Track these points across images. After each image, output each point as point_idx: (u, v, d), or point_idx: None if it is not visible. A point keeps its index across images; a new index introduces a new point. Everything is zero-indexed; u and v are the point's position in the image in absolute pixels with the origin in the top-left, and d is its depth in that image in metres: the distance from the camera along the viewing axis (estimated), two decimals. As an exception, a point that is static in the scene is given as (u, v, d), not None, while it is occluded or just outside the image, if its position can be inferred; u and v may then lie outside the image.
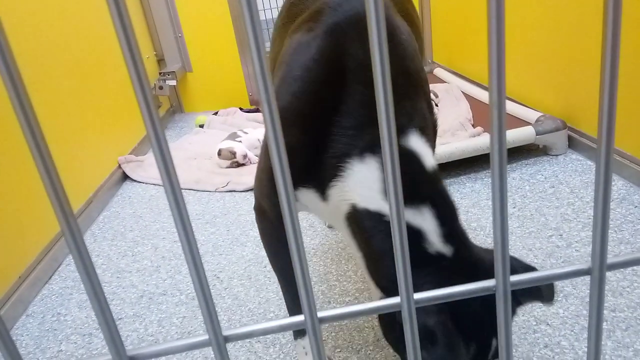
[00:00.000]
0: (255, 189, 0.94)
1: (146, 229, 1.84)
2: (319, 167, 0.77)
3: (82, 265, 0.29)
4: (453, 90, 2.41)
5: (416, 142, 0.74)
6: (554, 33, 1.90)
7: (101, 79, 2.26)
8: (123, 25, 0.24)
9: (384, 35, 0.27)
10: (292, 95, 0.76)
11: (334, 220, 0.82)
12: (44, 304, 1.49)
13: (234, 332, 0.33)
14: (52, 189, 0.27)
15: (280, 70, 0.81)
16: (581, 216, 1.50)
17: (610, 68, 0.29)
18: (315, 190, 0.80)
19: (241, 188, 2.04)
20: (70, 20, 2.05)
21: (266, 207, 0.92)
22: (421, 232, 0.69)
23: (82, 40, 2.13)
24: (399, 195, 0.30)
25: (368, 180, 0.72)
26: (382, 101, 0.28)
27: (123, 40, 0.25)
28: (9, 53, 0.25)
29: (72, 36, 2.05)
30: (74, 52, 2.05)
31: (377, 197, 0.72)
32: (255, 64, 0.27)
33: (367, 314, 0.34)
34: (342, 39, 0.75)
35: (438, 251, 0.69)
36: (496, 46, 0.28)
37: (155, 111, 0.27)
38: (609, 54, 0.29)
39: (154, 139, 0.27)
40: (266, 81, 0.27)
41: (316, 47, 0.76)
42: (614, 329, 1.09)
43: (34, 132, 0.26)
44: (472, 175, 1.85)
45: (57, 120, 1.84)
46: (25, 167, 1.58)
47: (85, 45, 2.15)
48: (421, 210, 0.70)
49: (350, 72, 0.74)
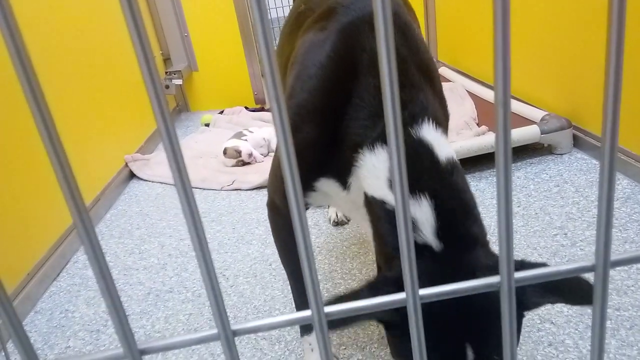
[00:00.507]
0: (269, 185, 0.96)
1: (153, 226, 1.86)
2: (337, 159, 0.80)
3: (94, 256, 0.30)
4: (458, 89, 2.41)
5: (429, 132, 0.75)
6: (559, 31, 1.90)
7: (108, 77, 2.28)
8: (135, 23, 0.25)
9: (390, 30, 0.27)
10: (308, 92, 0.79)
11: (354, 210, 0.85)
12: (52, 301, 1.50)
13: (242, 327, 0.34)
14: (65, 181, 0.28)
15: (294, 70, 0.83)
16: (586, 215, 1.50)
17: (615, 66, 0.29)
18: (335, 180, 0.83)
19: (247, 187, 2.05)
20: (79, 21, 2.06)
21: (278, 202, 0.94)
22: (413, 220, 0.69)
23: (91, 41, 2.15)
24: (404, 187, 0.30)
25: (377, 169, 0.75)
26: (389, 93, 0.29)
27: (135, 37, 0.25)
28: (25, 53, 0.26)
29: (81, 37, 2.06)
30: (82, 52, 2.06)
31: (382, 186, 0.74)
32: (264, 62, 0.27)
33: (374, 309, 0.35)
34: (355, 35, 0.77)
35: (426, 243, 0.69)
36: (501, 44, 0.28)
37: (167, 107, 0.27)
38: (614, 52, 0.29)
39: (165, 136, 0.28)
40: (275, 79, 0.27)
41: (330, 45, 0.78)
42: (619, 328, 1.09)
43: (49, 129, 0.27)
44: (477, 174, 1.85)
45: (65, 119, 1.86)
46: (33, 166, 1.60)
47: (93, 46, 2.17)
48: (420, 199, 0.70)
49: (362, 66, 0.76)
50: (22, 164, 1.56)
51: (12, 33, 0.25)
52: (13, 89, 1.52)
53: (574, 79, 1.87)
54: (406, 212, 0.32)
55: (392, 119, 0.29)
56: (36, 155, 1.61)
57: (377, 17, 0.27)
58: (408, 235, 0.33)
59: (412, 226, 0.69)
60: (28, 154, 1.58)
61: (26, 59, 0.25)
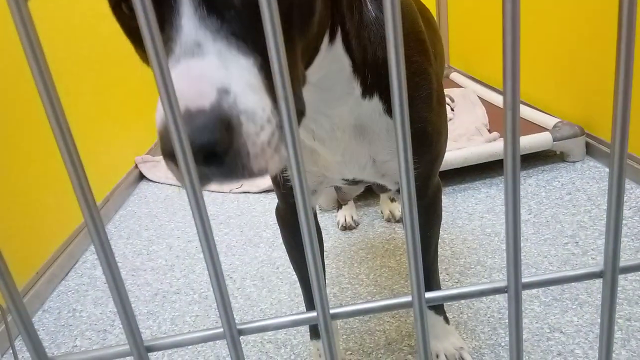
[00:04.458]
0: (275, 189, 0.97)
1: (161, 228, 1.86)
2: None
3: (103, 252, 0.30)
4: (469, 95, 2.39)
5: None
6: (572, 38, 1.88)
7: (119, 78, 2.29)
8: (147, 21, 0.25)
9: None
10: None
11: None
12: (60, 300, 1.51)
13: (248, 326, 0.34)
14: (77, 182, 0.28)
15: None
16: (598, 224, 1.48)
17: (625, 72, 0.29)
18: None
19: (255, 190, 2.05)
20: (90, 20, 2.08)
21: (280, 203, 0.94)
22: None
23: (102, 41, 2.16)
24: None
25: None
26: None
27: (147, 35, 0.25)
28: (41, 54, 0.26)
29: (92, 36, 2.08)
30: (93, 51, 2.08)
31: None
32: (274, 60, 0.27)
33: (379, 311, 0.34)
34: None
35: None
36: (511, 48, 0.28)
37: (178, 108, 0.27)
38: (623, 58, 0.29)
39: (175, 137, 0.28)
40: (284, 79, 0.27)
41: None
42: (629, 339, 1.07)
43: (62, 129, 0.27)
44: (488, 180, 1.84)
45: (75, 120, 1.87)
46: (42, 166, 1.61)
47: (104, 45, 2.19)
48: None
49: None
50: (30, 164, 1.57)
51: (29, 36, 0.25)
52: (26, 90, 1.54)
53: (588, 86, 1.85)
54: (412, 203, 0.31)
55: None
56: (45, 155, 1.62)
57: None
58: (414, 238, 0.32)
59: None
60: (37, 154, 1.60)
61: (43, 61, 0.26)
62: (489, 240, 1.48)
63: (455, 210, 1.67)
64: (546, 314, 1.17)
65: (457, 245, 1.49)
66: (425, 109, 0.76)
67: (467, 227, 1.57)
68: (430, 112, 0.76)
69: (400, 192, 0.31)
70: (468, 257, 1.42)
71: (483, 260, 1.40)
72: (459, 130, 2.02)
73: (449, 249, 1.47)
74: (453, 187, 1.82)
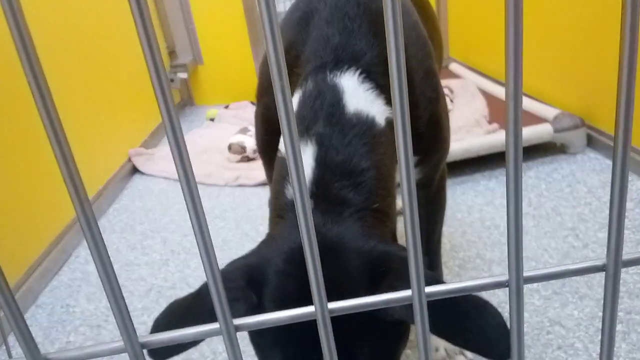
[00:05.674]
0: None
1: (155, 222, 1.84)
2: None
3: (96, 249, 0.30)
4: (469, 86, 2.37)
5: (349, 82, 0.68)
6: (573, 28, 1.85)
7: (113, 70, 2.26)
8: (142, 15, 0.24)
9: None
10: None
11: None
12: (53, 295, 1.49)
13: (244, 322, 0.34)
14: (68, 175, 0.27)
15: None
16: (598, 216, 1.46)
17: (628, 63, 0.28)
18: None
19: (251, 183, 2.03)
20: (84, 13, 2.05)
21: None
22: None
23: (95, 34, 2.13)
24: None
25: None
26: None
27: (141, 29, 0.25)
28: (31, 47, 0.25)
29: (85, 29, 2.05)
30: (86, 44, 2.05)
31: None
32: (270, 55, 0.26)
33: (377, 306, 0.34)
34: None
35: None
36: (513, 37, 0.27)
37: (172, 101, 0.27)
38: (627, 49, 0.28)
39: (169, 130, 0.27)
40: (281, 71, 0.26)
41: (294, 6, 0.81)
42: (629, 332, 1.06)
43: (53, 122, 0.27)
44: (487, 173, 1.82)
45: (68, 112, 1.85)
46: (35, 160, 1.59)
47: (98, 38, 2.15)
48: (307, 144, 0.64)
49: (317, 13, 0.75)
50: (23, 158, 1.55)
51: (19, 29, 0.25)
52: (16, 82, 1.51)
53: (589, 77, 1.83)
54: (413, 208, 0.29)
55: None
56: (37, 149, 1.60)
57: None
58: (415, 236, 0.30)
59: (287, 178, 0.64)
60: (29, 148, 1.57)
61: (33, 54, 0.25)
62: (488, 233, 1.47)
63: (454, 203, 1.65)
64: (546, 307, 1.16)
65: (457, 238, 1.47)
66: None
67: (467, 220, 1.55)
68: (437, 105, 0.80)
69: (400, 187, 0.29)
70: (467, 250, 1.41)
71: (482, 253, 1.38)
72: (459, 122, 2.00)
73: (448, 242, 1.45)
74: (452, 180, 1.80)
